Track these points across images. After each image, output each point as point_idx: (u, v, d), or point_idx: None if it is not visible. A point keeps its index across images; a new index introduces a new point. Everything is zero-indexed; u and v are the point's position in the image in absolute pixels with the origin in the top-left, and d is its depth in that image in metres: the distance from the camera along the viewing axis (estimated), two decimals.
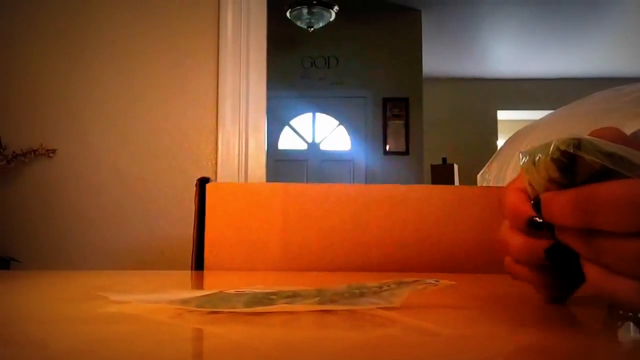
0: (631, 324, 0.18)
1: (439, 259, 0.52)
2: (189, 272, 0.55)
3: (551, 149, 0.20)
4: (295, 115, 4.24)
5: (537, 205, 0.22)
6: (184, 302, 0.24)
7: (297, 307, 0.23)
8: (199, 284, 0.46)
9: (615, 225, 0.18)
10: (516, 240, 0.23)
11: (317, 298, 0.24)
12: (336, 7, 3.06)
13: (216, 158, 1.31)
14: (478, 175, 1.34)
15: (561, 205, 0.20)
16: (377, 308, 0.23)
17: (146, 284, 0.43)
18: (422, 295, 0.26)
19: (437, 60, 4.63)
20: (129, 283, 0.45)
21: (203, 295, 0.26)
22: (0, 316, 0.26)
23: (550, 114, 1.26)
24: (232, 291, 0.27)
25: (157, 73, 1.33)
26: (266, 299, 0.24)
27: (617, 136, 0.22)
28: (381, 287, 0.24)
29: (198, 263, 0.54)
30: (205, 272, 0.54)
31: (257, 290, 0.26)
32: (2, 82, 1.32)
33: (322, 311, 0.23)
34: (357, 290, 0.24)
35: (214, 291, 0.27)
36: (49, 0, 1.34)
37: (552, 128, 1.12)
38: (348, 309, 0.24)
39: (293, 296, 0.24)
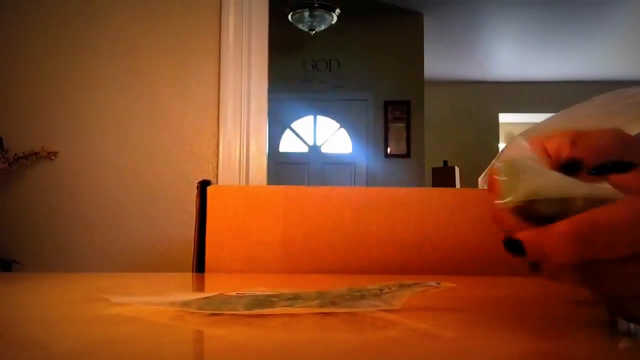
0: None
1: (440, 261, 0.52)
2: (190, 274, 0.55)
3: (506, 201, 0.20)
4: (296, 118, 4.25)
5: (510, 245, 0.21)
6: (185, 304, 0.24)
7: (298, 309, 0.23)
8: (200, 287, 0.46)
9: (622, 251, 0.18)
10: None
11: (318, 300, 0.24)
12: (338, 10, 3.07)
13: (217, 161, 1.32)
14: (479, 178, 1.34)
15: (555, 243, 0.19)
16: (378, 310, 0.23)
17: (147, 286, 0.44)
18: (423, 297, 0.26)
19: (439, 63, 4.64)
20: (130, 285, 0.45)
21: (204, 298, 0.26)
22: (2, 317, 0.26)
23: (552, 116, 1.26)
24: (233, 293, 0.27)
25: (158, 75, 1.34)
26: (267, 301, 0.24)
27: (619, 137, 0.22)
28: (382, 290, 0.24)
29: (199, 265, 0.54)
30: (206, 274, 0.54)
31: (257, 293, 0.26)
32: (3, 84, 1.33)
33: (322, 313, 0.23)
34: (357, 293, 0.24)
35: (214, 293, 0.27)
36: (50, 2, 1.35)
37: (553, 131, 1.12)
38: (348, 311, 0.24)
39: (294, 298, 0.24)
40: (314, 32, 3.18)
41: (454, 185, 3.44)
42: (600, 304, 0.21)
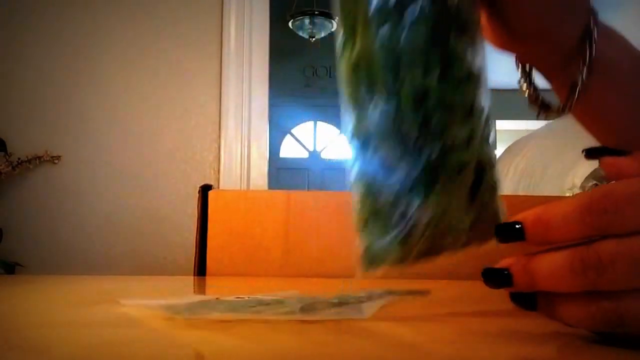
0: None
1: (437, 265, 0.53)
2: (192, 277, 0.56)
3: None
4: (296, 124, 4.26)
5: (493, 275, 0.18)
6: (169, 308, 0.24)
7: (267, 316, 0.23)
8: (201, 290, 0.46)
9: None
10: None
11: (287, 309, 0.23)
12: (338, 18, 3.09)
13: (219, 166, 1.32)
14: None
15: (558, 270, 0.17)
16: (359, 319, 0.23)
17: (148, 289, 0.44)
18: (411, 306, 0.26)
19: None
20: (132, 288, 0.45)
21: (188, 303, 0.26)
22: (5, 320, 0.26)
23: (548, 123, 1.27)
24: (214, 297, 0.27)
25: (161, 82, 1.35)
26: (240, 307, 0.24)
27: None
28: (370, 297, 0.23)
29: (200, 269, 0.55)
30: (207, 278, 0.54)
31: (233, 298, 0.26)
32: (7, 87, 1.34)
33: (301, 320, 0.23)
34: (336, 300, 0.24)
35: (199, 298, 0.27)
36: (54, 6, 1.36)
37: (550, 137, 1.13)
38: (315, 319, 0.23)
39: (269, 304, 0.24)
40: (314, 39, 3.21)
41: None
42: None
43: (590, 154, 0.20)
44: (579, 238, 0.17)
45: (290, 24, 3.13)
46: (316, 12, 3.05)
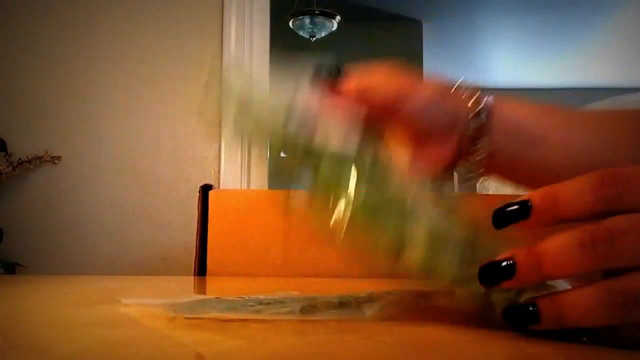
0: None
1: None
2: (192, 277, 0.56)
3: None
4: None
5: (494, 270, 0.17)
6: (168, 307, 0.24)
7: (267, 316, 0.23)
8: (201, 290, 0.46)
9: None
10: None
11: (287, 308, 0.23)
12: (338, 17, 3.09)
13: (219, 166, 1.32)
14: (477, 184, 1.34)
15: (567, 249, 0.16)
16: (361, 319, 0.23)
17: (148, 289, 0.44)
18: (415, 305, 0.25)
19: (438, 70, 4.66)
20: (132, 288, 0.45)
21: (188, 302, 0.26)
22: (5, 320, 0.26)
23: None
24: (213, 297, 0.27)
25: (161, 81, 1.35)
26: (241, 306, 0.24)
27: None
28: (371, 297, 0.23)
29: (201, 269, 0.55)
30: (207, 277, 0.54)
31: (233, 298, 0.26)
32: (7, 87, 1.34)
33: (302, 320, 0.23)
34: (335, 300, 0.24)
35: (199, 297, 0.27)
36: (54, 6, 1.36)
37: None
38: (313, 319, 0.23)
39: (270, 304, 0.24)
40: (314, 38, 3.21)
41: (452, 190, 3.45)
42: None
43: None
44: (589, 213, 0.16)
45: (290, 23, 3.13)
46: (316, 12, 3.05)
